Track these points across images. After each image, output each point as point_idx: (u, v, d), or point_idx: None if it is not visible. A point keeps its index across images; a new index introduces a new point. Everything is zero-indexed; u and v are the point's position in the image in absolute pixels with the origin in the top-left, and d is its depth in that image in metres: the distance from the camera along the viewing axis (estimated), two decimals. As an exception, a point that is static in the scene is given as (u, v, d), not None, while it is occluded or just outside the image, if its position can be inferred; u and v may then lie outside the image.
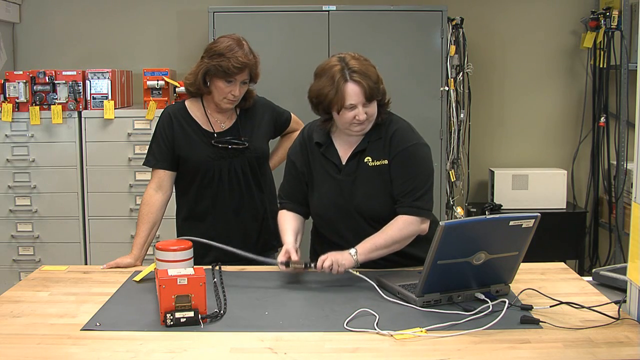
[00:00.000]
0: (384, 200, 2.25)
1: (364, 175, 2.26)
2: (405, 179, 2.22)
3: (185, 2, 4.45)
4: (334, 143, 2.31)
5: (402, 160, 2.23)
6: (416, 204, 2.21)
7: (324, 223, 2.37)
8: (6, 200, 3.89)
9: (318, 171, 2.33)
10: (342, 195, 2.28)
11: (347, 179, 2.28)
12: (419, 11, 3.90)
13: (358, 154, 2.27)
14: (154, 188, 2.54)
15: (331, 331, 1.78)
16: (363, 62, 2.20)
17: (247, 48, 2.50)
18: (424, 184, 2.24)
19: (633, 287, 1.87)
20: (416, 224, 2.21)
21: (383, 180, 2.25)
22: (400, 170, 2.23)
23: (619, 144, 4.23)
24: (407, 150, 2.24)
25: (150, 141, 2.60)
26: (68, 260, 3.69)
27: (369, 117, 2.21)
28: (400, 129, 2.28)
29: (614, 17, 4.13)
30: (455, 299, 1.95)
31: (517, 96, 4.52)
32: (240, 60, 2.43)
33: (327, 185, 2.30)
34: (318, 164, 2.32)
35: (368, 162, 2.26)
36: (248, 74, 2.48)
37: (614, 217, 4.26)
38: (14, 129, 3.84)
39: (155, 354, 1.66)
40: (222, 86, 2.47)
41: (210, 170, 2.55)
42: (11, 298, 2.07)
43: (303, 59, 3.87)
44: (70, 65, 4.07)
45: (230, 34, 2.55)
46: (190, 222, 2.63)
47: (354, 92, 2.15)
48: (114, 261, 2.42)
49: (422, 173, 2.25)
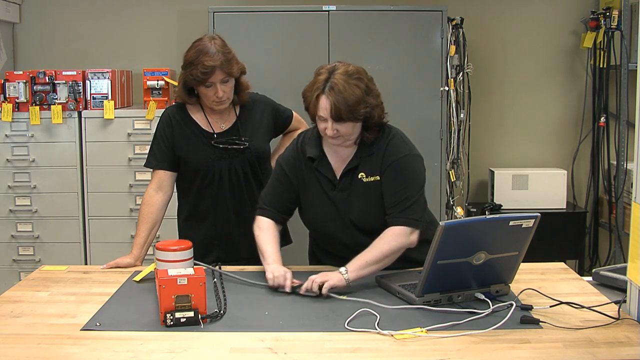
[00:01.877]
0: (380, 215, 2.23)
1: (358, 191, 2.25)
2: (395, 190, 2.20)
3: (185, 2, 4.44)
4: (327, 157, 2.29)
5: (393, 172, 2.21)
6: (405, 214, 2.18)
7: (320, 235, 2.37)
8: (6, 200, 3.89)
9: (311, 185, 2.30)
10: (338, 210, 2.26)
11: (342, 195, 2.26)
12: (419, 11, 3.90)
13: (351, 170, 2.25)
14: (154, 188, 2.55)
15: (331, 331, 1.78)
16: (350, 80, 2.12)
17: (217, 47, 2.44)
18: (414, 194, 2.21)
19: (633, 287, 1.87)
20: (405, 235, 2.17)
21: (377, 195, 2.23)
22: (391, 181, 2.21)
23: (619, 144, 4.23)
24: (398, 162, 2.22)
25: (151, 142, 2.60)
26: (68, 260, 3.68)
27: (343, 135, 2.16)
28: (392, 143, 2.24)
29: (614, 17, 4.13)
30: (455, 299, 1.95)
31: (517, 96, 4.52)
32: (206, 65, 2.40)
33: (321, 200, 2.28)
34: (311, 177, 2.30)
35: (362, 179, 2.24)
36: (222, 74, 2.44)
37: (614, 217, 4.26)
38: (14, 129, 3.84)
39: (155, 354, 1.66)
40: (204, 92, 2.48)
41: (211, 170, 2.55)
42: (11, 298, 2.08)
43: (303, 59, 3.87)
44: (70, 65, 4.06)
45: (203, 36, 2.51)
46: (192, 222, 2.63)
47: (323, 106, 2.12)
48: (114, 261, 2.42)
49: (413, 184, 2.22)
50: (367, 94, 2.15)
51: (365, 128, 2.21)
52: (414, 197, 2.20)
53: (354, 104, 2.11)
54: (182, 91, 2.53)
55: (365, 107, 2.14)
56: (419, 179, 2.25)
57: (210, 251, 2.57)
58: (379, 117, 2.21)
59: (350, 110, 2.11)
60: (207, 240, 2.58)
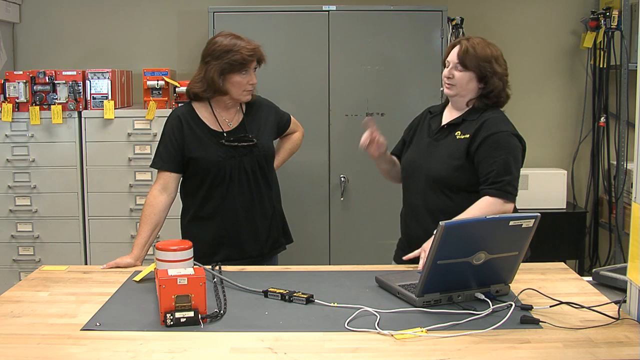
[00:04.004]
0: (449, 164, 2.38)
1: (447, 143, 2.43)
2: (491, 162, 2.32)
3: (185, 2, 4.44)
4: (442, 114, 2.52)
5: (494, 143, 2.34)
6: (500, 185, 2.30)
7: (404, 177, 2.57)
8: (6, 200, 3.89)
9: (419, 132, 2.56)
10: (422, 154, 2.47)
11: (434, 143, 2.46)
12: (419, 11, 3.90)
13: (452, 126, 2.44)
14: (158, 189, 2.56)
15: (331, 331, 1.78)
16: (486, 43, 2.43)
17: (245, 38, 2.58)
18: (510, 168, 2.32)
19: (633, 287, 1.87)
20: (499, 204, 2.29)
21: (459, 150, 2.38)
22: (488, 152, 2.34)
23: (619, 144, 4.23)
24: (499, 135, 2.35)
25: (158, 143, 2.62)
26: (68, 260, 3.68)
27: (456, 84, 2.41)
28: (495, 117, 2.41)
29: (614, 17, 4.13)
30: (455, 299, 1.95)
31: (517, 96, 4.42)
32: (249, 48, 2.52)
33: (418, 143, 2.53)
34: (423, 126, 2.56)
35: (457, 136, 2.42)
36: (258, 59, 2.57)
37: (614, 217, 4.26)
38: (14, 129, 3.84)
39: (155, 354, 1.66)
40: (239, 79, 2.54)
41: (222, 169, 2.57)
42: (11, 298, 2.08)
43: (303, 59, 3.87)
44: (70, 65, 4.06)
45: (220, 33, 2.60)
46: (199, 221, 2.64)
47: (455, 51, 2.42)
48: (114, 261, 2.42)
49: (509, 159, 2.33)
50: (496, 61, 2.40)
51: (484, 98, 2.42)
52: (508, 171, 2.32)
53: (482, 57, 2.37)
54: (214, 82, 2.53)
55: (489, 68, 2.38)
56: (514, 155, 2.36)
57: (219, 249, 2.60)
58: (498, 91, 2.41)
59: (475, 60, 2.37)
60: (216, 238, 2.61)
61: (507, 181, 2.31)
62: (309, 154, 3.72)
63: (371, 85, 3.86)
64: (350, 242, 3.95)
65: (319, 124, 3.87)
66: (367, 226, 3.92)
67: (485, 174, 2.33)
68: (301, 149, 2.97)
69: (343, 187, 3.91)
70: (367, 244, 3.89)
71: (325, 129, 3.88)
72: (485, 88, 2.42)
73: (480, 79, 2.40)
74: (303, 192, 3.91)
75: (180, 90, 3.80)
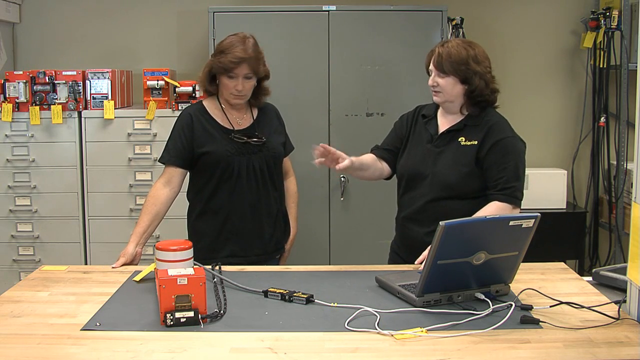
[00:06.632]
0: (458, 171, 2.39)
1: (451, 150, 2.43)
2: (501, 167, 2.36)
3: (185, 2, 4.44)
4: (437, 118, 2.52)
5: (502, 149, 2.37)
6: (508, 191, 2.34)
7: (403, 183, 2.55)
8: (6, 200, 3.89)
9: (415, 137, 2.55)
10: (425, 161, 2.46)
11: (436, 150, 2.46)
12: (419, 11, 3.90)
13: (453, 132, 2.44)
14: (162, 183, 2.59)
15: (331, 331, 1.78)
16: (462, 43, 2.42)
17: (251, 44, 2.57)
18: (518, 174, 2.37)
19: (633, 287, 1.87)
20: (507, 209, 2.33)
21: (467, 156, 2.40)
22: (498, 158, 2.36)
23: (619, 144, 4.23)
24: (507, 140, 2.39)
25: (167, 140, 2.65)
26: (68, 260, 3.68)
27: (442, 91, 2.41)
28: (500, 122, 2.44)
29: (614, 17, 4.13)
30: (455, 299, 1.95)
31: (517, 96, 4.51)
32: (237, 55, 2.51)
33: (416, 149, 2.52)
34: (418, 131, 2.55)
35: (461, 142, 2.42)
36: (248, 69, 2.53)
37: (614, 217, 4.26)
38: (14, 129, 3.84)
39: (155, 354, 1.66)
40: (226, 82, 2.56)
41: (231, 165, 2.59)
42: (11, 298, 2.08)
43: (303, 59, 3.87)
44: (70, 65, 4.06)
45: (237, 33, 2.62)
46: (205, 216, 2.65)
47: (433, 56, 2.43)
48: (118, 260, 2.42)
49: (517, 164, 2.37)
50: (474, 60, 2.38)
51: (470, 99, 2.42)
52: (517, 177, 2.36)
53: (457, 60, 2.37)
54: (205, 77, 2.62)
55: (468, 69, 2.37)
56: (522, 160, 2.41)
57: (225, 245, 2.61)
58: (481, 89, 2.40)
59: (451, 64, 2.37)
60: (222, 234, 2.62)
61: (516, 187, 2.36)
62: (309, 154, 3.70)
63: (371, 85, 3.86)
64: (350, 242, 3.95)
65: (319, 124, 3.87)
66: (367, 226, 3.93)
67: (494, 180, 2.36)
68: (301, 149, 2.96)
69: (343, 187, 3.91)
70: (367, 244, 3.89)
71: (325, 129, 3.88)
72: (471, 90, 2.42)
73: (462, 81, 2.40)
74: (303, 192, 3.87)
75: (180, 90, 3.80)
